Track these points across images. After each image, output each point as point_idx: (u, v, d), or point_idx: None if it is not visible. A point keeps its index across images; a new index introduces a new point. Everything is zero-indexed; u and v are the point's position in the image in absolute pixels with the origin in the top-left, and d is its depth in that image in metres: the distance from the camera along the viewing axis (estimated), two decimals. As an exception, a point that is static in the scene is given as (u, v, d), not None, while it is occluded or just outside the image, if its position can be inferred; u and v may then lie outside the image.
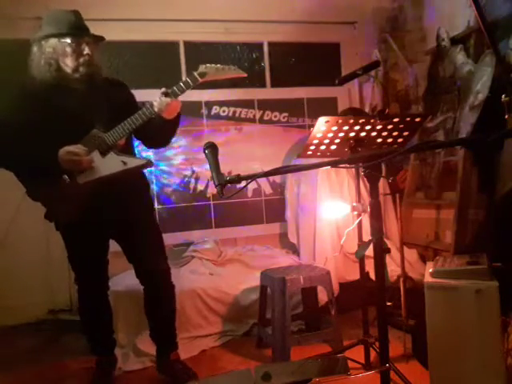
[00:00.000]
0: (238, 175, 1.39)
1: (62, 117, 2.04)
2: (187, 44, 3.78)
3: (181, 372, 2.27)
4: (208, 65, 2.10)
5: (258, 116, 3.85)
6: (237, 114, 3.81)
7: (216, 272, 3.20)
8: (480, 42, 2.95)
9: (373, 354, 2.30)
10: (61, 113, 2.04)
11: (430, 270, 1.93)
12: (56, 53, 2.05)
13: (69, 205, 2.09)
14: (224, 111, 3.77)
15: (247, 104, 3.82)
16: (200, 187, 3.73)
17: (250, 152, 3.78)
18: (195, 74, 2.07)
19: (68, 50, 2.05)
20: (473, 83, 2.93)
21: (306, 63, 4.10)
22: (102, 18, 3.17)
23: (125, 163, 2.05)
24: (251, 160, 3.74)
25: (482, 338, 1.76)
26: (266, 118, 3.87)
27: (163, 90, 2.07)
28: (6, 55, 3.39)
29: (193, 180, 3.71)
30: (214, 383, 1.50)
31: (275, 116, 3.89)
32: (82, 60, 2.06)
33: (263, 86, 3.97)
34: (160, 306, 2.31)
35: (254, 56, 4.00)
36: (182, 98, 2.28)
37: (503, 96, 1.24)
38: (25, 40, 2.14)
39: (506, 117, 1.23)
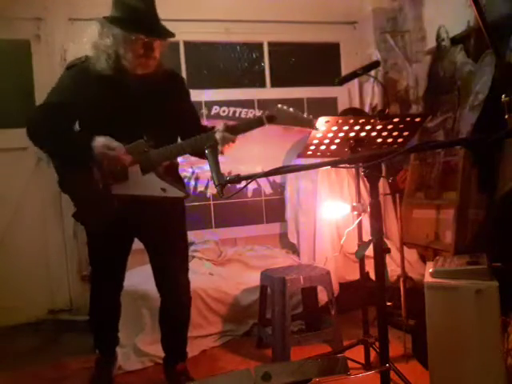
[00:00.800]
0: (238, 175, 1.39)
1: (111, 115, 1.89)
2: (187, 44, 3.78)
3: None
4: (280, 106, 1.89)
5: (258, 116, 3.84)
6: (237, 114, 3.81)
7: (216, 272, 3.20)
8: (480, 42, 2.95)
9: (373, 354, 2.30)
10: (109, 110, 1.89)
11: (430, 270, 1.93)
12: (116, 44, 1.85)
13: (97, 209, 1.98)
14: (224, 111, 3.77)
15: (247, 104, 3.82)
16: (200, 187, 3.73)
17: (250, 152, 3.78)
18: (263, 116, 1.89)
19: (131, 46, 1.85)
20: (473, 83, 2.93)
21: (306, 63, 4.09)
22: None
23: (164, 190, 1.91)
24: (251, 160, 3.74)
25: (482, 338, 1.76)
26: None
27: (225, 124, 1.92)
28: (6, 55, 3.40)
29: (193, 180, 3.71)
30: (213, 383, 1.50)
31: (275, 116, 3.88)
32: (143, 60, 1.88)
33: (263, 86, 3.97)
34: (174, 317, 2.27)
35: (254, 56, 4.00)
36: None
37: (503, 96, 1.23)
38: (25, 40, 2.12)
39: (506, 117, 1.23)
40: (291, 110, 1.89)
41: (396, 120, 1.91)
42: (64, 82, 1.97)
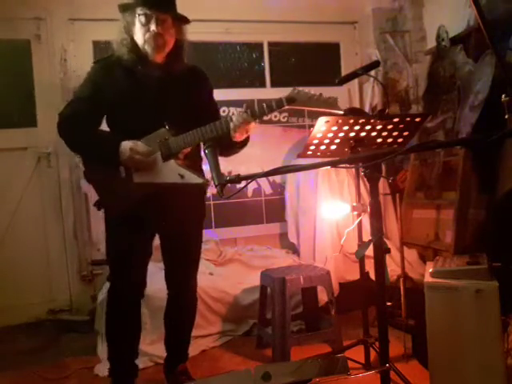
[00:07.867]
0: (238, 175, 1.39)
1: (133, 105, 1.93)
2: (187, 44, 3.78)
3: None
4: (300, 89, 1.81)
5: (257, 116, 3.84)
6: (237, 114, 3.80)
7: (216, 272, 3.20)
8: (480, 42, 2.95)
9: (373, 354, 2.30)
10: (132, 100, 1.93)
11: (430, 270, 1.93)
12: (128, 27, 1.87)
13: (119, 198, 1.96)
14: (224, 111, 3.76)
15: (247, 104, 3.82)
16: (200, 187, 3.72)
17: (250, 152, 3.77)
18: (283, 98, 1.81)
19: (139, 23, 1.84)
20: (473, 83, 2.93)
21: (306, 63, 4.09)
22: (102, 18, 3.17)
23: (182, 177, 1.89)
24: (251, 160, 3.74)
25: (482, 338, 1.76)
26: (265, 118, 3.87)
27: (246, 105, 1.89)
28: (6, 55, 3.40)
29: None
30: (213, 383, 1.50)
31: (275, 116, 3.88)
32: (147, 36, 1.86)
33: (263, 86, 3.97)
34: (181, 319, 2.25)
35: (254, 56, 4.00)
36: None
37: (503, 96, 1.23)
38: (25, 40, 2.11)
39: (506, 117, 1.23)
40: (311, 91, 1.82)
41: (396, 120, 1.90)
42: (90, 76, 2.02)
